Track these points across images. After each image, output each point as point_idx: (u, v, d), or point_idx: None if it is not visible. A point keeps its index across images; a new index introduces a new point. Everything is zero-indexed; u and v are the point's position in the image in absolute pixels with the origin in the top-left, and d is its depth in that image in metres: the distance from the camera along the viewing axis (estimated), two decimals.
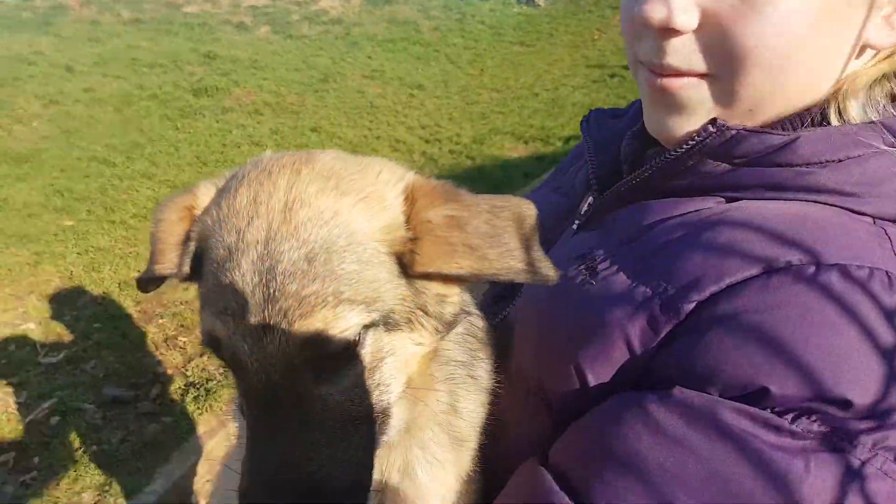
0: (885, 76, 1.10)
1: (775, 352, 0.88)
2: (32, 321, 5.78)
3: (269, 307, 0.88)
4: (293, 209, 0.93)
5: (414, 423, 1.12)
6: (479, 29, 18.32)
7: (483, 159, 10.25)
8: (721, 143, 1.07)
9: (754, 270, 0.94)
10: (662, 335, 0.97)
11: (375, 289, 0.94)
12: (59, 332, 5.69)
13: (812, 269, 0.92)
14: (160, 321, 6.00)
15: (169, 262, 1.09)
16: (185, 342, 5.75)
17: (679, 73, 1.10)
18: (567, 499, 0.94)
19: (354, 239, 0.94)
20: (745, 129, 1.06)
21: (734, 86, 1.07)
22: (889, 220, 1.03)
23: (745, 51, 1.02)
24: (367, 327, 0.94)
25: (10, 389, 4.92)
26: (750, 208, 1.05)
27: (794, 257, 0.93)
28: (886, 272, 0.92)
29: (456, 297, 1.06)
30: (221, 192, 1.06)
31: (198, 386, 5.12)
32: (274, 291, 0.88)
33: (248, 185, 0.99)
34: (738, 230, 0.99)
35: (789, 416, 0.87)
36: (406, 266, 0.97)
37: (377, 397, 0.98)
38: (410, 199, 1.00)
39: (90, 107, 12.76)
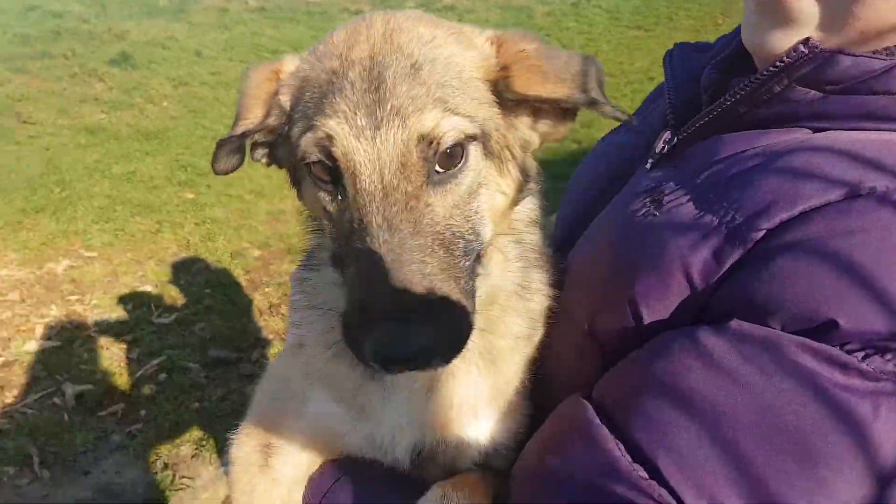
0: None
1: (849, 281, 0.79)
2: (150, 284, 6.13)
3: (381, 108, 0.92)
4: (393, 34, 0.99)
5: (496, 299, 1.12)
6: (595, 13, 17.91)
7: (590, 143, 10.05)
8: (813, 67, 0.97)
9: (833, 196, 0.85)
10: (726, 268, 0.89)
11: (475, 107, 0.98)
12: (174, 295, 6.01)
13: (866, 194, 0.84)
14: (266, 290, 6.23)
15: (254, 116, 1.17)
16: (286, 310, 5.95)
17: None
18: (606, 430, 0.90)
19: (452, 60, 1.00)
20: (840, 51, 0.96)
21: (850, 3, 0.96)
22: None
23: None
24: (469, 139, 0.97)
25: (124, 346, 5.24)
26: (837, 136, 0.95)
27: (881, 183, 0.84)
28: None
29: (537, 142, 1.09)
30: (312, 49, 1.14)
31: None
32: (385, 93, 0.92)
33: (343, 28, 1.07)
34: (819, 155, 0.91)
35: (860, 354, 0.79)
36: (502, 91, 1.01)
37: (473, 230, 0.99)
38: (497, 42, 1.06)
39: (215, 89, 13.38)
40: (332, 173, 0.99)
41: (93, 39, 15.76)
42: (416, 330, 0.83)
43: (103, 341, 5.28)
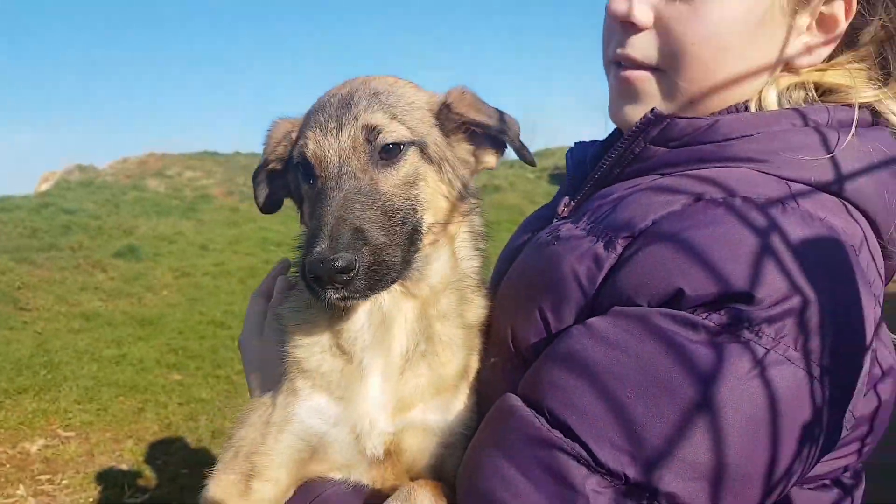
0: (800, 85, 1.30)
1: (686, 255, 1.02)
2: (126, 463, 5.84)
3: (346, 115, 1.26)
4: (368, 80, 1.35)
5: (447, 286, 1.38)
6: None
7: None
8: (659, 130, 1.26)
9: (676, 206, 1.10)
10: (605, 271, 1.13)
11: (418, 125, 1.31)
12: (148, 475, 5.71)
13: (723, 197, 1.08)
14: None
15: (272, 149, 1.48)
16: None
17: (637, 65, 1.32)
18: (528, 410, 1.08)
19: (406, 94, 1.34)
20: (676, 116, 1.25)
21: (677, 79, 1.28)
22: (795, 181, 1.16)
23: (685, 48, 1.24)
24: (410, 144, 1.29)
25: None
26: (668, 181, 1.21)
27: (717, 194, 1.10)
28: (781, 201, 1.08)
29: (473, 162, 1.42)
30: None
31: None
32: (350, 106, 1.27)
33: (339, 83, 1.38)
34: (666, 184, 1.18)
35: (703, 313, 1.01)
36: (444, 118, 1.36)
37: (412, 207, 1.28)
38: (447, 95, 1.41)
39: (217, 278, 13.63)
40: (308, 166, 1.29)
41: (101, 234, 16.30)
42: (343, 253, 1.08)
43: None
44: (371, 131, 1.24)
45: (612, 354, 1.02)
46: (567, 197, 1.47)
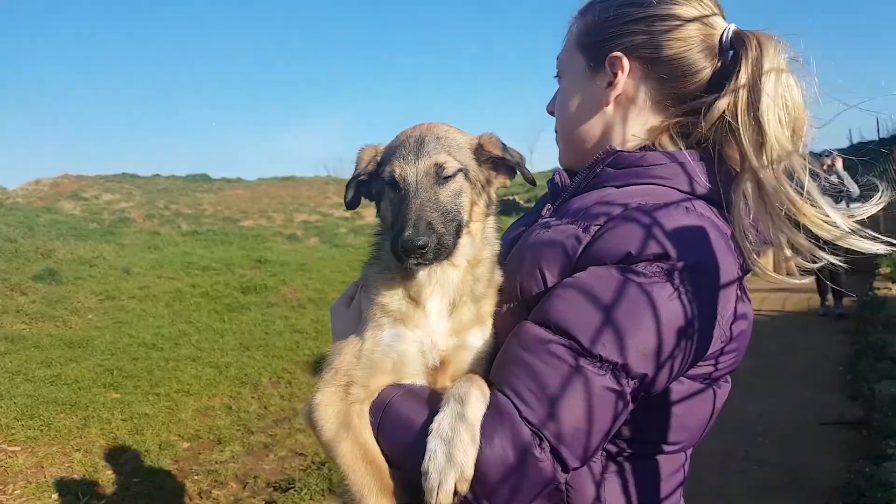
0: (670, 135, 1.87)
1: (624, 238, 1.56)
2: (77, 473, 6.00)
3: (421, 152, 1.78)
4: (431, 127, 1.88)
5: (480, 261, 1.89)
6: None
7: None
8: (612, 159, 1.85)
9: (619, 210, 1.64)
10: (583, 245, 1.63)
11: (463, 158, 1.85)
12: (101, 483, 5.90)
13: (647, 203, 1.63)
14: (196, 477, 6.16)
15: (361, 167, 1.94)
16: (218, 495, 5.87)
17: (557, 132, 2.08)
18: (538, 326, 1.58)
19: (455, 138, 1.88)
20: (621, 150, 1.85)
21: (562, 140, 2.06)
22: (686, 193, 1.72)
23: (560, 121, 2.04)
24: (459, 171, 1.81)
25: None
26: (623, 190, 1.76)
27: (639, 201, 1.65)
28: (665, 203, 1.62)
29: (495, 189, 1.96)
30: (394, 138, 1.94)
31: None
32: (424, 146, 1.79)
33: (409, 128, 1.94)
34: (614, 199, 1.72)
35: (643, 265, 1.52)
36: (478, 153, 1.90)
37: (457, 210, 1.80)
38: (479, 138, 1.94)
39: (143, 302, 13.58)
40: (394, 184, 1.81)
41: (18, 257, 15.94)
42: (422, 237, 1.65)
43: None
44: (439, 166, 1.79)
45: (592, 289, 1.53)
46: (549, 204, 2.06)
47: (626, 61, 1.86)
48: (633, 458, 1.71)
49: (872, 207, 1.74)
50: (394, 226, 1.78)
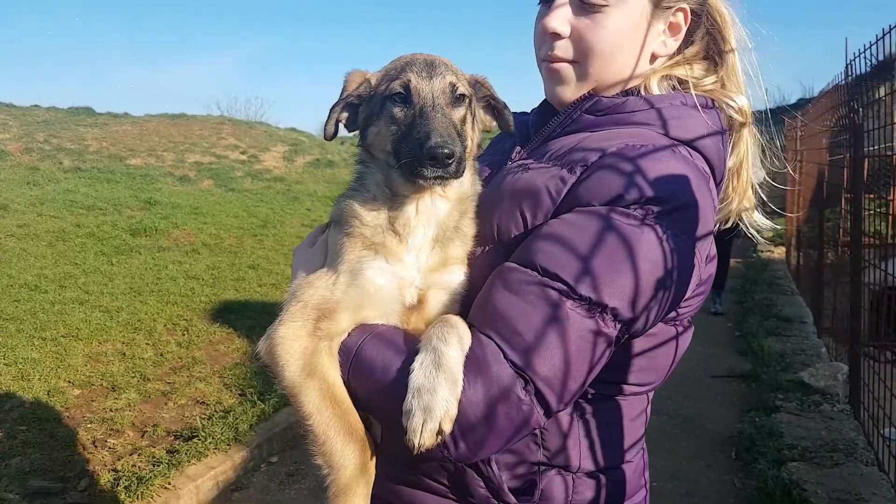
0: (666, 76, 1.88)
1: (619, 176, 1.56)
2: None
3: (435, 71, 1.74)
4: (432, 55, 1.82)
5: (466, 196, 1.84)
6: None
7: None
8: (590, 104, 1.82)
9: (603, 152, 1.63)
10: (568, 186, 1.62)
11: (467, 86, 1.81)
12: None
13: (616, 149, 1.63)
14: (89, 426, 5.90)
15: (349, 90, 1.84)
16: (114, 444, 5.65)
17: (560, 60, 1.86)
18: (523, 267, 1.54)
19: (459, 70, 1.84)
20: (602, 95, 1.83)
21: (587, 67, 1.84)
22: (672, 138, 1.71)
23: (592, 47, 1.80)
24: (466, 97, 1.79)
25: None
26: (602, 133, 1.76)
27: (629, 142, 1.65)
28: (654, 146, 1.62)
29: (485, 120, 1.95)
30: (387, 64, 1.88)
31: (129, 476, 5.01)
32: (436, 66, 1.75)
33: (402, 55, 1.86)
34: (598, 141, 1.70)
35: (632, 208, 1.51)
36: (476, 89, 1.88)
37: (463, 136, 1.73)
38: (474, 76, 1.92)
39: (23, 241, 12.76)
40: (405, 98, 1.73)
41: None
42: (450, 145, 1.59)
43: None
44: (453, 86, 1.75)
45: (579, 231, 1.51)
46: (518, 147, 2.00)
47: (689, 13, 1.85)
48: (599, 399, 1.73)
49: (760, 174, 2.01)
50: (405, 140, 1.70)
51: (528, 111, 2.29)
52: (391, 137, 1.75)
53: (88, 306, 9.24)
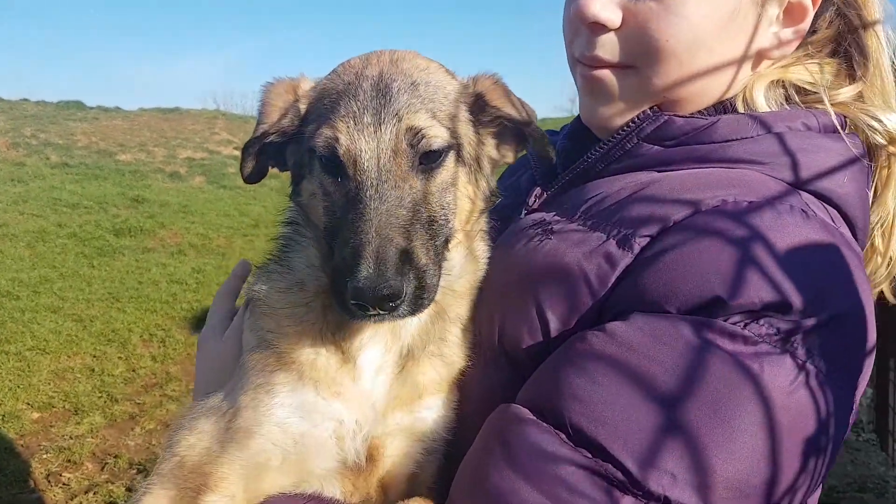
0: (777, 82, 1.31)
1: (704, 268, 0.99)
2: None
3: (385, 110, 1.15)
4: (398, 61, 1.24)
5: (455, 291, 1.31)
6: None
7: None
8: (654, 128, 1.26)
9: (687, 212, 1.08)
10: (619, 271, 1.07)
11: (455, 124, 1.23)
12: None
13: (710, 207, 1.08)
14: (44, 456, 5.38)
15: (271, 120, 1.31)
16: (69, 478, 5.12)
17: (605, 64, 1.30)
18: (542, 422, 0.99)
19: (442, 87, 1.25)
20: (674, 114, 1.26)
21: (651, 75, 1.27)
22: (797, 185, 1.17)
23: (660, 44, 1.22)
24: (448, 149, 1.20)
25: None
26: (680, 174, 1.21)
27: (701, 204, 1.09)
28: (777, 204, 1.08)
29: (493, 161, 1.35)
30: (331, 72, 1.32)
31: None
32: (389, 99, 1.16)
33: (357, 57, 1.28)
34: (665, 191, 1.15)
35: (741, 323, 0.97)
36: (478, 111, 1.29)
37: (445, 216, 1.21)
38: (474, 78, 1.34)
39: (0, 241, 12.24)
40: (337, 162, 1.17)
41: None
42: (393, 277, 1.02)
43: None
44: (415, 136, 1.14)
45: (644, 364, 0.96)
46: (539, 188, 1.41)
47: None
48: None
49: None
50: (334, 244, 1.14)
51: (557, 130, 1.68)
52: (325, 213, 1.22)
53: (61, 315, 8.72)
